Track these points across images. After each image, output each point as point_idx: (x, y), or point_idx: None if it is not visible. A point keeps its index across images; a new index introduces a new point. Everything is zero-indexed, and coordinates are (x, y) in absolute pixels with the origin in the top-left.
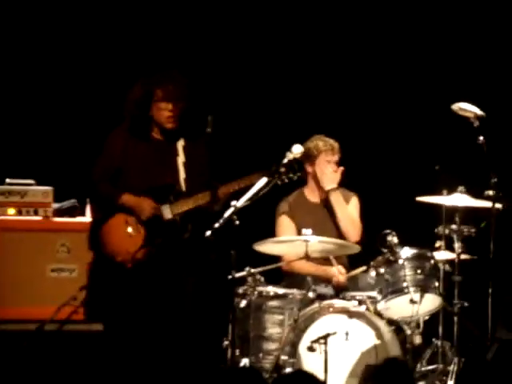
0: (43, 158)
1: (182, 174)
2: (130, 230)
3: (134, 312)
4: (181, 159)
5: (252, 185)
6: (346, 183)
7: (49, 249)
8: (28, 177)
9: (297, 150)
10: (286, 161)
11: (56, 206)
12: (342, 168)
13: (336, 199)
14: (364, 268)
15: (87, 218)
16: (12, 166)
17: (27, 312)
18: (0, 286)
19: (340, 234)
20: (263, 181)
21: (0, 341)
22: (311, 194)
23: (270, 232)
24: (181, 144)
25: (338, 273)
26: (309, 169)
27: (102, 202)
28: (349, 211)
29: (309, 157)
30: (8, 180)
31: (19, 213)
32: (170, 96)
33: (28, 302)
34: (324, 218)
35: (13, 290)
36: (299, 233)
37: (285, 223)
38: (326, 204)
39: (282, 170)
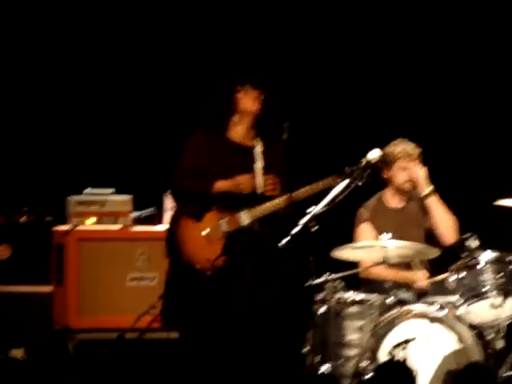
0: (123, 167)
1: (260, 180)
2: (207, 235)
3: (213, 319)
4: (259, 164)
5: (326, 189)
6: None
7: (128, 257)
8: (108, 185)
9: (373, 155)
10: (361, 165)
11: (135, 214)
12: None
13: (432, 203)
14: (446, 275)
15: (166, 226)
16: (91, 175)
17: (107, 321)
18: (80, 296)
19: (422, 240)
20: (341, 185)
21: (81, 350)
22: (391, 200)
23: (346, 238)
24: (259, 149)
25: (419, 279)
26: (386, 174)
27: (190, 200)
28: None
29: (386, 162)
30: (87, 190)
31: (99, 222)
32: (256, 84)
33: (108, 311)
34: (405, 224)
35: (93, 299)
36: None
37: (367, 231)
38: (408, 209)
39: (357, 173)
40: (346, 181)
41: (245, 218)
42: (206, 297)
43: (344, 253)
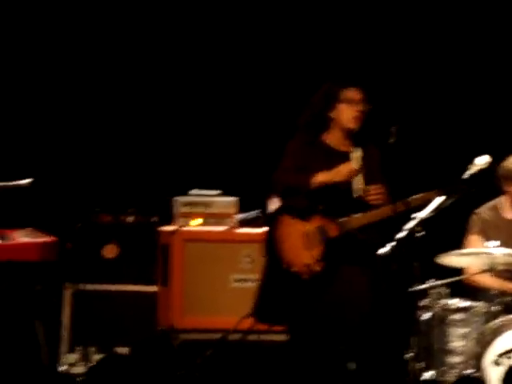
0: (229, 168)
1: (358, 185)
2: (307, 241)
3: (312, 323)
4: (356, 166)
5: (428, 201)
6: None
7: (232, 259)
8: (214, 187)
9: (480, 161)
10: (467, 175)
11: (241, 216)
12: None
13: None
14: None
15: None
16: (198, 176)
17: (211, 321)
18: (184, 296)
19: None
20: (441, 198)
21: (184, 350)
22: (507, 210)
23: (452, 243)
24: (356, 154)
25: None
26: (506, 188)
27: (293, 197)
28: None
29: (506, 177)
30: (193, 191)
31: (204, 223)
32: (356, 98)
33: (211, 312)
34: None
35: (197, 299)
36: None
37: (476, 241)
38: None
39: (463, 187)
40: (451, 194)
41: (348, 224)
42: (302, 300)
43: (449, 259)
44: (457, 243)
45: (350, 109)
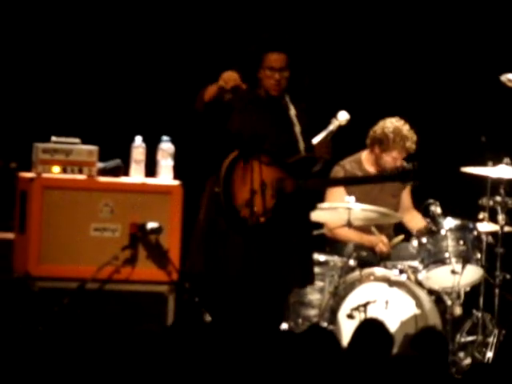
0: (89, 118)
1: (302, 144)
2: (263, 190)
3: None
4: (297, 128)
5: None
6: None
7: (92, 208)
8: (73, 135)
9: (342, 117)
10: (329, 130)
11: (100, 165)
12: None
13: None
14: (402, 236)
15: (131, 178)
16: (58, 125)
17: (69, 270)
18: (42, 243)
19: (394, 206)
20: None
21: (41, 298)
22: (369, 164)
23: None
24: (293, 112)
25: (381, 243)
26: (376, 149)
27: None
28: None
29: (380, 141)
30: (54, 138)
31: (64, 171)
32: (278, 64)
33: (70, 260)
34: (379, 190)
35: (55, 247)
36: None
37: (337, 191)
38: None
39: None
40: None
41: (304, 185)
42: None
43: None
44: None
45: (270, 76)
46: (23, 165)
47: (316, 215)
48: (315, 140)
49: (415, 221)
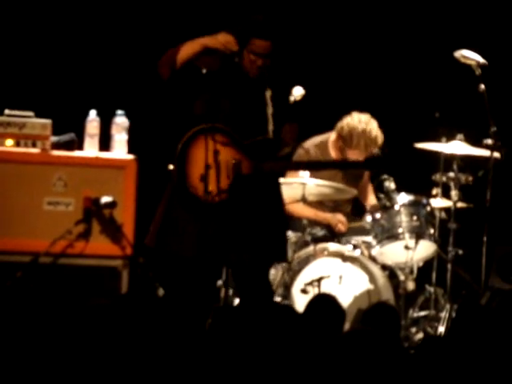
0: (42, 91)
1: (271, 126)
2: (218, 169)
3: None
4: (270, 110)
5: None
6: None
7: (45, 182)
8: (27, 108)
9: (296, 92)
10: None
11: (54, 139)
12: None
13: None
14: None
15: (85, 152)
16: (11, 98)
17: (22, 244)
18: None
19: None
20: None
21: None
22: (335, 149)
23: None
24: (268, 94)
25: (340, 224)
26: (340, 143)
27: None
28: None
29: (345, 139)
30: (7, 111)
31: (17, 144)
32: (264, 51)
33: (23, 234)
34: (341, 176)
35: (8, 221)
36: None
37: (297, 175)
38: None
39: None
40: None
41: (262, 167)
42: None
43: None
44: None
45: (253, 60)
46: None
47: None
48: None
49: (369, 198)
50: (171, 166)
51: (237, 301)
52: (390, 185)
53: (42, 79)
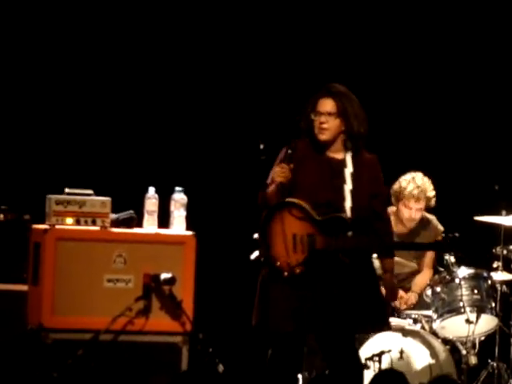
0: (101, 169)
1: (349, 203)
2: (295, 243)
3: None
4: (348, 187)
5: None
6: None
7: (106, 259)
8: (86, 187)
9: None
10: None
11: (113, 216)
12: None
13: None
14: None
15: (144, 229)
16: (71, 176)
17: (82, 321)
18: (56, 295)
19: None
20: None
21: (56, 349)
22: (396, 222)
23: None
24: (348, 171)
25: (401, 301)
26: (394, 203)
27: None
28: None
29: (396, 193)
30: (67, 190)
31: (77, 222)
32: (322, 107)
33: (84, 312)
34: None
35: (69, 299)
36: None
37: None
38: (414, 233)
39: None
40: None
41: (334, 243)
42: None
43: None
44: None
45: (316, 119)
46: (36, 217)
47: None
48: None
49: (421, 277)
50: (256, 235)
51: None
52: (450, 258)
53: (100, 158)
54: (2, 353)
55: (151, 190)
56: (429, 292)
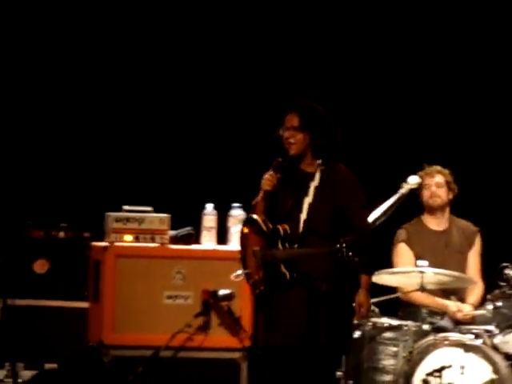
0: (160, 186)
1: (304, 216)
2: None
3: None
4: (308, 199)
5: None
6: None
7: (165, 275)
8: (145, 204)
9: (413, 180)
10: (400, 194)
11: (172, 233)
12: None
13: None
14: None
15: (203, 245)
16: (130, 194)
17: (142, 338)
18: (115, 312)
19: (464, 265)
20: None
21: (116, 366)
22: (430, 222)
23: (386, 262)
24: (314, 184)
25: (456, 310)
26: (420, 197)
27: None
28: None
29: (417, 190)
30: (126, 207)
31: (136, 239)
32: (288, 122)
33: (143, 328)
34: (444, 246)
35: (128, 315)
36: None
37: (403, 251)
38: (449, 233)
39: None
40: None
41: (274, 255)
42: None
43: (381, 278)
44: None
45: (283, 134)
46: (96, 234)
47: (388, 279)
48: (388, 203)
49: (472, 292)
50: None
51: None
52: (510, 272)
53: (159, 175)
54: (63, 370)
55: (209, 207)
56: (490, 306)
